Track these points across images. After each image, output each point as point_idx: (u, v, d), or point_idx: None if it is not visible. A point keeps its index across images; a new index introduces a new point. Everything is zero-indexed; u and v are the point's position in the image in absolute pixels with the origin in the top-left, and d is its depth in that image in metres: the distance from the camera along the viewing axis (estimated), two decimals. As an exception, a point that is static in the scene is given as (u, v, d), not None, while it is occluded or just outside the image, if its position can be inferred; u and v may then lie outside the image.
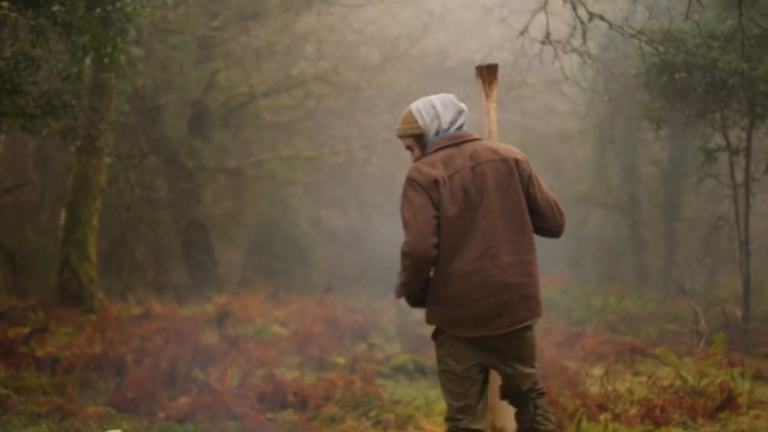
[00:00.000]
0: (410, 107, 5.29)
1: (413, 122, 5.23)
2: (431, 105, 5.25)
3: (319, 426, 8.55)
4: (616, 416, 9.10)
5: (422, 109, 5.23)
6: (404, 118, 5.28)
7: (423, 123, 5.20)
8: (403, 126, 5.27)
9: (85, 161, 16.14)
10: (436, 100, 5.28)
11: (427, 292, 5.10)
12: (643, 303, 20.31)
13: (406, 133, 5.25)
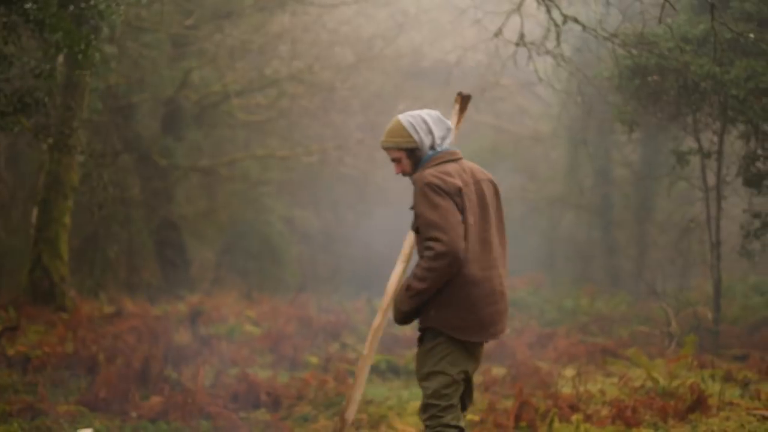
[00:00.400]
0: (400, 120, 5.36)
1: (406, 136, 5.34)
2: (422, 120, 5.37)
3: (292, 425, 8.56)
4: (587, 417, 9.16)
5: (415, 124, 5.34)
6: (394, 131, 5.36)
7: (418, 137, 5.34)
8: (395, 139, 5.35)
9: (58, 159, 16.04)
10: (427, 116, 5.41)
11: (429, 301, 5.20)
12: (614, 304, 20.42)
13: (399, 146, 5.35)
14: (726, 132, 15.42)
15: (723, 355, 13.84)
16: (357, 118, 28.44)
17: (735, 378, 11.38)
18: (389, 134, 5.38)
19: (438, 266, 5.05)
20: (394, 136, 5.36)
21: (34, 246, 16.38)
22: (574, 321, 18.93)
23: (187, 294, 20.77)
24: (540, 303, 20.87)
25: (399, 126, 5.35)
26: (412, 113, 5.40)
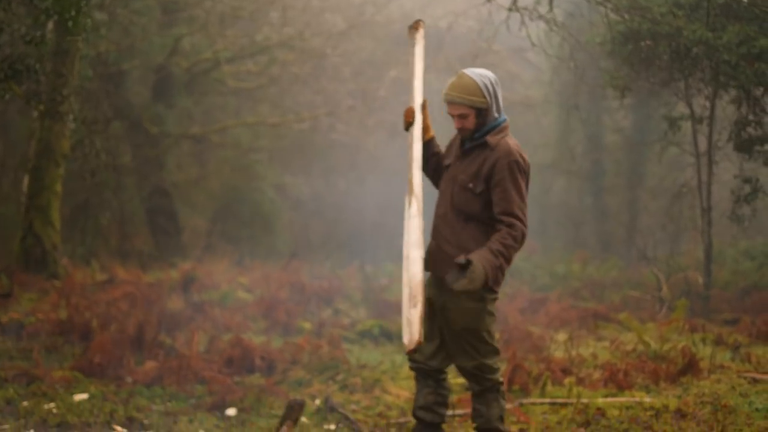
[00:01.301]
0: (473, 78, 5.40)
1: (480, 95, 5.40)
2: (492, 83, 5.47)
3: (287, 389, 8.60)
4: (580, 380, 9.22)
5: (488, 85, 5.42)
6: (468, 87, 5.39)
7: (490, 99, 5.42)
8: (469, 96, 5.40)
9: (49, 126, 15.98)
10: (495, 79, 5.51)
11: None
12: (606, 270, 20.50)
13: (473, 104, 5.41)
14: (718, 97, 15.44)
15: (714, 320, 13.92)
16: (348, 84, 28.34)
17: (726, 341, 11.46)
18: (462, 90, 5.39)
19: (519, 246, 5.46)
20: (468, 93, 5.38)
21: (25, 214, 16.34)
22: (566, 286, 19.01)
23: (179, 261, 20.75)
24: (532, 269, 20.94)
25: (473, 83, 5.38)
26: (482, 72, 5.45)
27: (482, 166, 5.47)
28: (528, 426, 7.61)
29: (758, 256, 19.38)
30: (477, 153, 5.51)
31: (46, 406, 7.55)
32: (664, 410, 7.84)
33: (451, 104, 5.42)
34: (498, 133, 5.50)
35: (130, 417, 7.46)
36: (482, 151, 5.50)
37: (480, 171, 5.47)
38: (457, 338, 5.54)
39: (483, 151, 5.49)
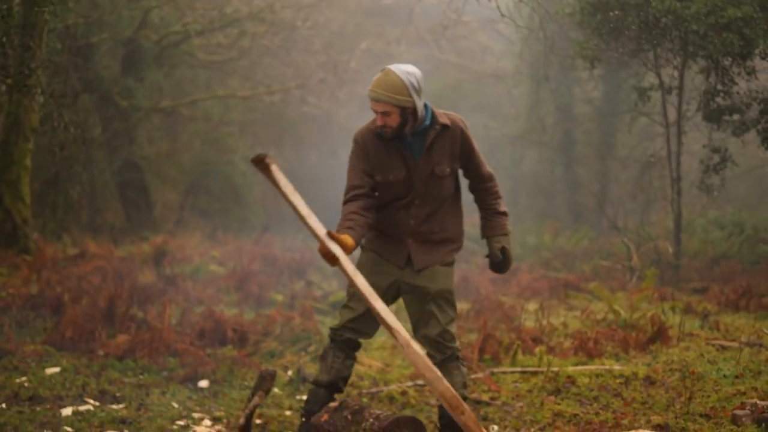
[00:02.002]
0: (400, 77, 5.38)
1: (406, 94, 5.40)
2: (418, 80, 5.45)
3: (259, 361, 8.63)
4: (550, 349, 9.30)
5: (414, 83, 5.41)
6: (395, 87, 5.36)
7: (416, 97, 5.40)
8: (396, 96, 5.37)
9: (17, 100, 15.87)
10: (420, 75, 5.50)
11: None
12: (577, 240, 20.60)
13: (399, 103, 5.40)
14: (686, 67, 15.52)
15: (683, 288, 14.05)
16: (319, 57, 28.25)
17: (695, 310, 11.58)
18: (389, 88, 5.35)
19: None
20: (395, 92, 5.35)
21: (-6, 188, 16.25)
22: (537, 257, 19.11)
23: (151, 235, 20.70)
24: (503, 239, 21.00)
25: (400, 82, 5.35)
26: (408, 70, 5.43)
27: (452, 147, 5.66)
28: (499, 394, 7.67)
29: (727, 225, 19.53)
30: (440, 140, 5.61)
31: (18, 380, 7.54)
32: (634, 377, 7.93)
33: (377, 102, 5.41)
34: (440, 115, 5.61)
35: (103, 390, 7.47)
36: (445, 135, 5.60)
37: (453, 152, 5.67)
38: (430, 303, 5.77)
39: (445, 134, 5.60)
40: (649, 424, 6.44)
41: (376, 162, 5.64)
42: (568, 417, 6.88)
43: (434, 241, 5.83)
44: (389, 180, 5.68)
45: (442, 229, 5.83)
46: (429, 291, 5.77)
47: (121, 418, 6.65)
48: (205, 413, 7.03)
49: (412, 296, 5.85)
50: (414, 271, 5.79)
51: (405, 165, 5.63)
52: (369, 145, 5.58)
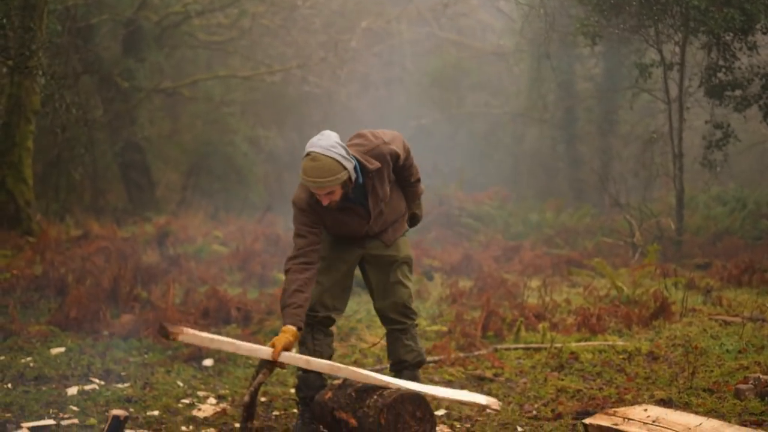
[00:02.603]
0: (329, 157, 5.29)
1: (342, 169, 5.33)
2: (342, 148, 5.37)
3: (263, 339, 8.64)
4: (553, 325, 9.32)
5: (344, 154, 5.34)
6: (329, 169, 5.28)
7: (348, 165, 5.36)
8: (334, 178, 5.31)
9: (18, 82, 15.88)
10: (338, 140, 5.42)
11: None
12: (579, 217, 20.60)
13: (341, 180, 5.36)
14: (688, 43, 15.48)
15: (686, 264, 14.05)
16: (319, 36, 28.23)
17: (697, 286, 11.58)
18: (326, 174, 5.25)
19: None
20: (332, 174, 5.27)
21: (-3, 171, 16.27)
22: (540, 234, 19.11)
23: (154, 216, 20.71)
24: (505, 217, 21.02)
25: (332, 163, 5.25)
26: (330, 144, 5.31)
27: (388, 173, 5.71)
28: (502, 370, 7.70)
29: (730, 201, 19.51)
30: (378, 178, 5.64)
31: (23, 360, 7.58)
32: (637, 353, 7.96)
33: (319, 188, 5.35)
34: (368, 161, 5.54)
35: (108, 369, 7.50)
36: (380, 172, 5.63)
37: (389, 175, 5.74)
38: (397, 271, 5.97)
39: (379, 171, 5.62)
40: (653, 399, 6.47)
41: (331, 222, 5.71)
42: (572, 392, 6.91)
43: (390, 223, 5.97)
44: (345, 230, 5.83)
45: (393, 213, 5.95)
46: (396, 258, 5.97)
47: (126, 396, 6.68)
48: (210, 391, 7.07)
49: (376, 266, 5.99)
50: (378, 244, 5.95)
51: (357, 214, 5.72)
52: (319, 210, 5.56)
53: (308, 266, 5.57)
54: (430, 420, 5.42)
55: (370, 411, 5.33)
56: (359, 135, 5.66)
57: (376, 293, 6.03)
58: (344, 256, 5.88)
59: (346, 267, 5.88)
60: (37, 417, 6.02)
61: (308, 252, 5.57)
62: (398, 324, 5.97)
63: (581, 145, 26.38)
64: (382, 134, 5.66)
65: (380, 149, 5.56)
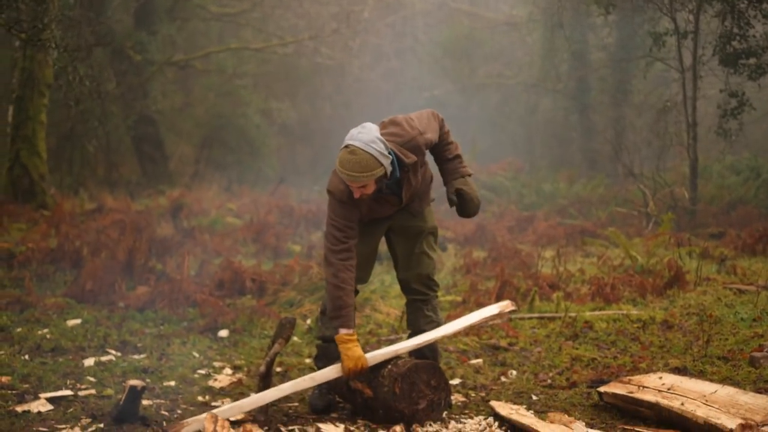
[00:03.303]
0: (367, 152, 5.25)
1: (378, 165, 5.28)
2: (381, 143, 5.32)
3: (278, 310, 8.68)
4: (567, 295, 9.32)
5: (380, 150, 5.28)
6: (366, 165, 5.24)
7: (385, 162, 5.31)
8: (369, 173, 5.26)
9: (31, 56, 15.90)
10: (378, 134, 5.37)
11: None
12: (592, 187, 20.56)
13: (375, 176, 5.31)
14: (702, 11, 15.38)
15: (700, 234, 14.01)
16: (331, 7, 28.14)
17: (712, 255, 11.56)
18: (362, 169, 5.22)
19: None
20: (368, 170, 5.24)
21: (11, 145, 16.31)
22: (553, 204, 19.08)
23: (168, 189, 20.77)
24: (519, 187, 21.00)
25: (369, 159, 5.22)
26: (370, 139, 5.28)
27: (421, 159, 5.65)
28: (517, 340, 7.72)
29: (744, 170, 19.44)
30: (413, 170, 5.61)
31: (40, 332, 7.61)
32: (651, 322, 7.96)
33: (353, 181, 5.31)
34: (404, 154, 5.48)
35: (124, 340, 7.53)
36: (414, 164, 5.58)
37: (422, 161, 5.70)
38: (422, 241, 5.92)
39: (414, 164, 5.58)
40: (667, 367, 6.48)
41: (365, 211, 5.66)
42: (586, 361, 6.93)
43: (417, 194, 5.89)
44: (376, 215, 5.78)
45: (420, 184, 5.84)
46: (423, 229, 5.92)
47: (143, 367, 6.72)
48: (226, 362, 7.10)
49: (403, 236, 5.94)
50: (405, 214, 5.89)
51: (390, 202, 5.71)
52: (356, 200, 5.51)
53: (352, 262, 5.56)
54: (445, 388, 5.45)
55: (385, 380, 5.36)
56: (394, 122, 5.55)
57: (401, 263, 5.99)
58: (372, 229, 5.84)
59: (373, 239, 5.86)
60: (55, 388, 6.05)
61: (351, 246, 5.55)
62: (420, 295, 5.95)
63: (595, 115, 26.28)
64: (418, 122, 5.57)
65: (416, 141, 5.49)
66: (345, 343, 5.44)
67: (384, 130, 5.49)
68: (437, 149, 5.75)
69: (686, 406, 4.94)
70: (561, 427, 4.81)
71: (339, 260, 5.49)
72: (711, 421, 4.68)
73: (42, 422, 5.24)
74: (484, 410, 5.71)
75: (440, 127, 5.71)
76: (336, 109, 32.22)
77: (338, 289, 5.47)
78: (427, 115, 5.69)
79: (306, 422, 5.47)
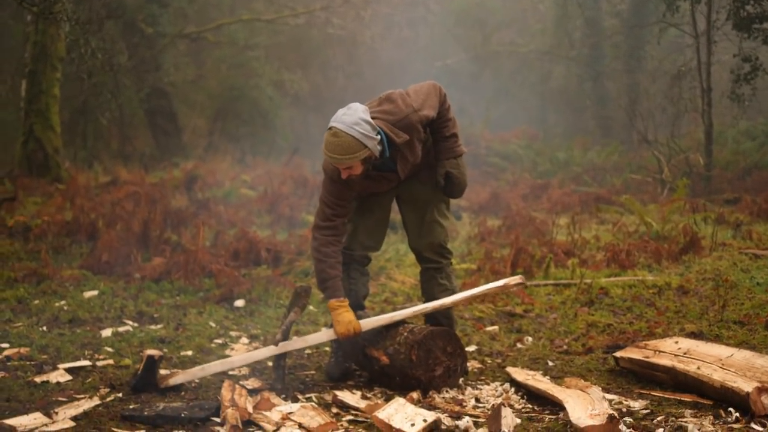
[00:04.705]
0: (350, 135, 5.17)
1: (362, 147, 5.19)
2: (366, 125, 5.22)
3: (293, 280, 8.70)
4: (583, 261, 9.32)
5: (364, 132, 5.19)
6: (349, 147, 5.17)
7: (370, 143, 5.23)
8: (353, 155, 5.19)
9: (43, 30, 15.92)
10: (365, 116, 5.27)
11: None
12: (607, 154, 20.51)
13: (360, 158, 5.24)
14: (716, -25, 15.28)
15: (715, 200, 13.98)
16: (342, -23, 28.02)
17: (727, 220, 11.52)
18: (345, 151, 5.16)
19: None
20: (351, 152, 5.17)
21: (25, 119, 16.36)
22: (567, 172, 19.05)
23: (181, 161, 20.79)
24: (532, 155, 20.97)
25: (352, 141, 5.14)
26: (353, 121, 5.19)
27: (418, 136, 5.52)
28: (532, 306, 7.73)
29: (759, 135, 19.36)
30: (408, 147, 5.50)
31: (57, 304, 7.65)
32: (667, 287, 7.95)
33: (338, 164, 5.27)
34: (395, 134, 5.39)
35: (141, 311, 7.57)
36: (409, 142, 5.48)
37: (419, 138, 5.54)
38: (433, 209, 5.86)
39: (408, 142, 5.47)
40: (683, 332, 6.47)
41: (360, 188, 5.64)
42: (602, 327, 6.93)
43: (425, 165, 5.78)
44: (375, 192, 5.77)
45: (427, 156, 5.76)
46: (433, 196, 5.85)
47: (160, 337, 6.75)
48: (242, 331, 7.13)
49: (412, 205, 5.91)
50: (414, 182, 5.82)
51: (386, 179, 5.66)
52: (348, 179, 5.46)
53: (337, 238, 5.59)
54: (461, 355, 5.45)
55: (402, 348, 5.37)
56: (389, 99, 5.48)
57: (412, 232, 5.97)
58: (380, 199, 5.81)
59: (380, 207, 5.83)
60: (73, 358, 6.09)
61: (338, 224, 5.57)
62: (433, 263, 5.94)
63: (608, 82, 26.19)
64: (414, 97, 5.47)
65: (409, 119, 5.39)
66: (336, 309, 5.52)
67: (377, 107, 5.43)
68: (435, 125, 5.60)
69: (702, 370, 4.94)
70: (577, 392, 4.81)
71: (323, 236, 5.55)
72: (727, 385, 4.68)
73: (61, 392, 5.27)
74: (500, 376, 5.73)
75: (441, 102, 5.56)
76: (349, 80, 32.15)
77: (320, 262, 5.55)
78: (428, 89, 5.56)
79: (323, 390, 5.49)
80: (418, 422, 4.53)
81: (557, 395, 4.85)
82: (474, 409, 4.96)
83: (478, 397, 5.23)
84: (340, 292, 5.55)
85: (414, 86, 5.58)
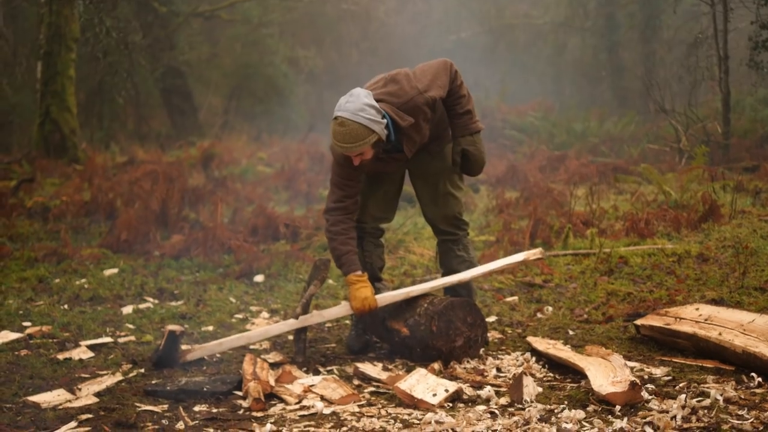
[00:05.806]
0: (357, 122, 5.12)
1: (370, 133, 5.16)
2: (371, 109, 5.18)
3: (312, 254, 8.71)
4: (601, 231, 9.29)
5: (370, 117, 5.15)
6: (357, 135, 5.13)
7: (377, 127, 5.19)
8: (362, 142, 5.16)
9: (57, 11, 15.93)
10: (369, 100, 5.21)
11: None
12: (624, 125, 20.42)
13: (369, 143, 5.21)
14: (732, -59, 15.16)
15: (734, 168, 13.91)
16: (356, -48, 27.96)
17: (746, 188, 11.46)
18: (354, 139, 5.12)
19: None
20: (360, 139, 5.13)
21: (41, 100, 16.41)
22: (584, 143, 18.98)
23: (198, 140, 20.81)
24: (549, 127, 20.88)
25: (359, 128, 5.11)
26: (358, 107, 5.14)
27: (425, 118, 5.46)
28: (552, 276, 7.72)
29: (777, 103, 19.26)
30: (414, 129, 5.43)
31: (78, 282, 7.69)
32: (686, 255, 7.92)
33: (348, 152, 5.23)
34: (401, 117, 5.32)
35: (161, 288, 7.60)
36: (415, 125, 5.41)
37: (426, 118, 5.47)
38: (445, 181, 5.82)
39: (414, 125, 5.41)
40: (704, 299, 6.46)
41: (369, 170, 5.63)
42: (622, 296, 6.92)
43: (434, 138, 5.73)
44: (384, 171, 5.76)
45: (436, 129, 5.70)
46: (444, 168, 5.80)
47: (180, 313, 6.78)
48: (263, 306, 7.15)
49: (423, 178, 5.87)
50: (424, 155, 5.78)
51: (395, 159, 5.63)
52: (351, 163, 5.43)
53: (349, 216, 5.59)
54: (482, 325, 5.45)
55: (422, 319, 5.37)
56: (394, 80, 5.40)
57: (426, 205, 5.94)
58: (394, 176, 5.81)
59: (390, 179, 5.81)
60: (95, 335, 6.13)
61: (348, 205, 5.57)
62: (450, 235, 5.92)
63: (624, 52, 26.07)
64: (421, 77, 5.39)
65: (414, 102, 5.32)
66: (354, 284, 5.52)
67: (382, 89, 5.37)
68: (448, 102, 5.52)
69: (724, 336, 4.93)
70: (599, 360, 4.81)
71: (333, 216, 5.57)
72: (749, 350, 4.67)
73: (84, 369, 5.31)
74: (521, 346, 5.73)
75: (452, 80, 5.46)
76: (363, 55, 32.08)
77: (332, 240, 5.58)
78: (436, 67, 5.46)
79: (344, 362, 5.50)
80: (439, 392, 4.55)
81: (578, 363, 4.85)
82: (495, 379, 4.97)
83: (499, 366, 5.24)
84: (357, 266, 5.53)
85: (422, 65, 5.52)
